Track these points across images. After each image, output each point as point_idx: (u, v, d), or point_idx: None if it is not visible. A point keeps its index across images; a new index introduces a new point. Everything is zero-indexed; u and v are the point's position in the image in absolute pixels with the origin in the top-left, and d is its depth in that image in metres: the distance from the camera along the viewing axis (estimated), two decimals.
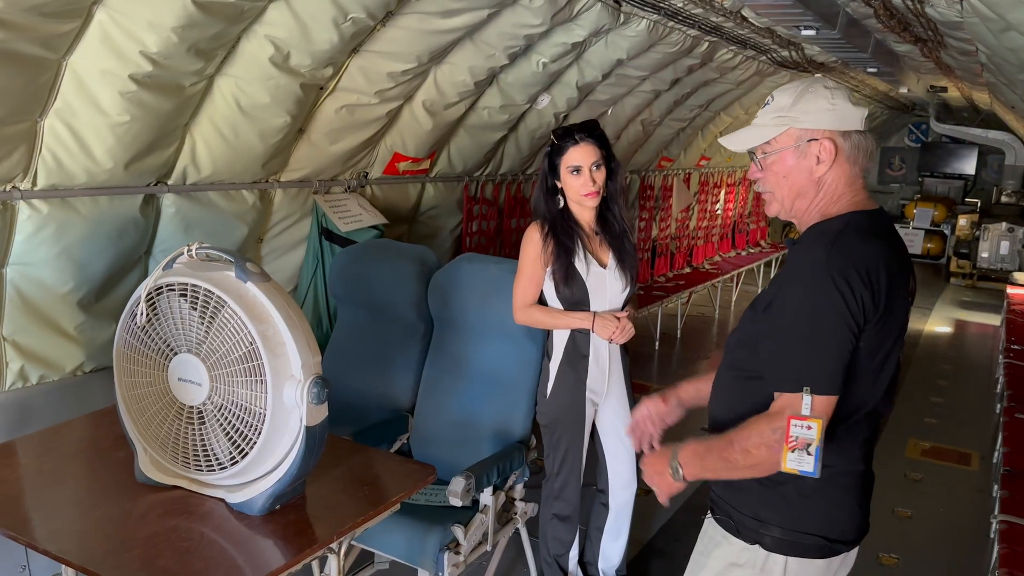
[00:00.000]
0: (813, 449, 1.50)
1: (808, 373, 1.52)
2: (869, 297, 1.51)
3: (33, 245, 2.74)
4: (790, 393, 1.54)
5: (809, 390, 1.51)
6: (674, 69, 5.29)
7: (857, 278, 1.51)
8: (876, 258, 1.55)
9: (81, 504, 2.06)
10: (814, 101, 1.64)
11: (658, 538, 3.56)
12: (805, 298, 1.54)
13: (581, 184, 2.62)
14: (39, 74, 2.43)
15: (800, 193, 1.69)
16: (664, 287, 7.14)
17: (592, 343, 2.70)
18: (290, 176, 3.68)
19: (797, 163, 1.66)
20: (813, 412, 1.51)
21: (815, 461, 1.50)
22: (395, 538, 2.52)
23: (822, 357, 1.53)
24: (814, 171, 1.65)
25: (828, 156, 1.63)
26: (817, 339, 1.53)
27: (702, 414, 1.86)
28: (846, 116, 1.63)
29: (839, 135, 1.64)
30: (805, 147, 1.65)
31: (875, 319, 1.53)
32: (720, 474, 1.66)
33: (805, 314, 1.54)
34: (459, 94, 4.00)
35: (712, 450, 1.65)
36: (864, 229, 1.59)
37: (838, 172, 1.66)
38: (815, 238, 1.61)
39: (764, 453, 1.55)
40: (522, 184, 5.47)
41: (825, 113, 1.63)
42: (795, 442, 1.51)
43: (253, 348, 1.83)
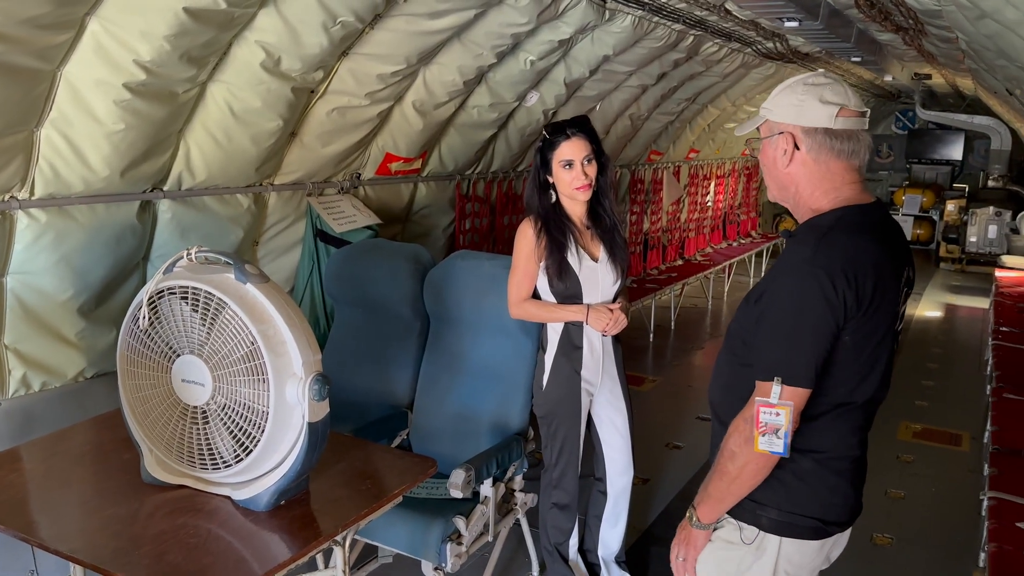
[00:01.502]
0: (782, 433, 1.57)
1: (782, 364, 1.58)
2: (852, 295, 1.55)
3: (32, 254, 2.78)
4: (765, 382, 1.60)
5: (780, 380, 1.56)
6: (660, 63, 5.34)
7: (841, 276, 1.54)
8: (863, 255, 1.58)
9: (88, 505, 2.10)
10: (786, 95, 1.68)
11: (656, 525, 3.62)
12: (789, 293, 1.59)
13: (573, 178, 2.67)
14: (34, 85, 2.47)
15: (780, 184, 1.74)
16: (657, 279, 7.19)
17: (585, 334, 2.75)
18: (283, 179, 3.72)
19: (771, 154, 1.71)
20: (781, 400, 1.56)
21: (784, 443, 1.57)
22: (398, 531, 2.57)
23: (797, 350, 1.57)
24: (781, 163, 1.69)
25: (788, 150, 1.67)
26: (795, 333, 1.58)
27: (698, 404, 1.92)
28: (807, 113, 1.64)
29: (800, 131, 1.66)
30: (775, 139, 1.70)
31: (860, 315, 1.57)
32: (727, 493, 1.69)
33: (787, 308, 1.59)
34: (448, 94, 4.05)
35: (711, 476, 1.72)
36: (854, 225, 1.62)
37: (803, 168, 1.68)
38: (805, 234, 1.65)
39: (744, 447, 1.62)
40: (513, 181, 5.51)
41: (789, 108, 1.67)
42: (764, 427, 1.57)
43: (254, 348, 1.88)
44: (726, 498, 1.70)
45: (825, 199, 1.67)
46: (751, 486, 1.66)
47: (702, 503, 1.74)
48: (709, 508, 1.73)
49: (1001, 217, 10.52)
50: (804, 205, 1.71)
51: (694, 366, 6.39)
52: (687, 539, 1.79)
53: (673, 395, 5.52)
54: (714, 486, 1.70)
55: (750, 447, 1.61)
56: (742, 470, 1.64)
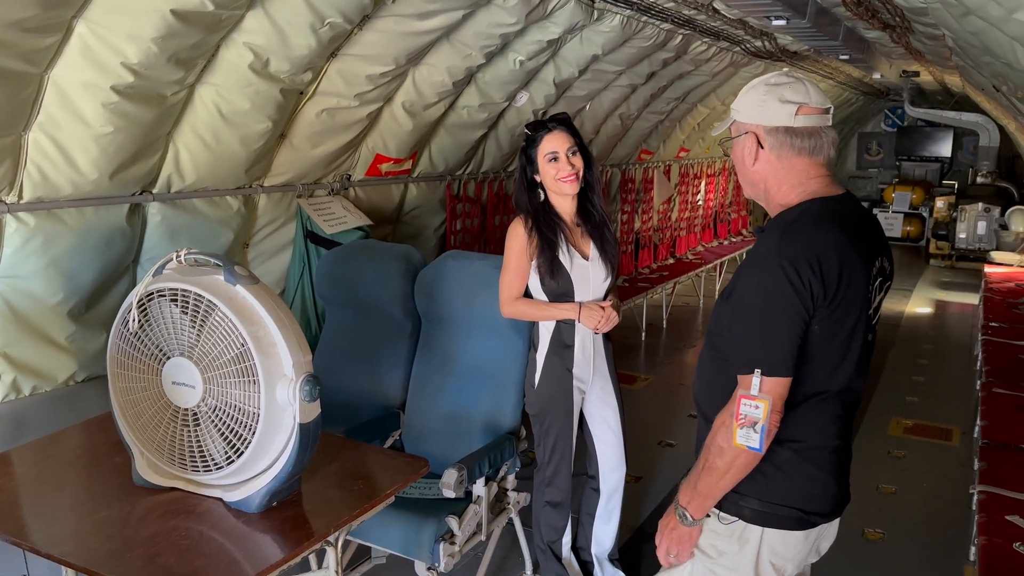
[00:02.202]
0: (759, 428, 1.59)
1: (759, 356, 1.61)
2: (818, 283, 1.58)
3: (21, 258, 2.77)
4: (745, 375, 1.62)
5: (760, 372, 1.59)
6: (649, 63, 5.36)
7: (805, 265, 1.57)
8: (826, 244, 1.60)
9: (80, 508, 2.09)
10: (750, 96, 1.73)
11: (649, 522, 3.62)
12: (757, 285, 1.62)
13: (559, 169, 2.67)
14: (22, 88, 2.46)
15: (750, 182, 1.78)
16: (648, 278, 7.21)
17: (577, 333, 2.76)
18: (273, 181, 3.71)
19: (740, 154, 1.76)
20: (761, 392, 1.59)
21: (760, 438, 1.60)
22: (391, 531, 2.57)
23: (772, 341, 1.60)
24: (748, 162, 1.74)
25: (753, 149, 1.72)
26: (767, 324, 1.60)
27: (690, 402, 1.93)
28: (768, 112, 1.69)
29: (763, 130, 1.71)
30: (742, 139, 1.75)
31: (827, 303, 1.60)
32: (715, 488, 1.70)
33: (757, 300, 1.62)
34: (438, 94, 4.05)
35: (698, 471, 1.73)
36: (817, 216, 1.66)
37: (766, 165, 1.72)
38: (772, 228, 1.69)
39: (731, 442, 1.63)
40: (504, 181, 5.52)
41: (752, 108, 1.72)
42: (744, 420, 1.60)
43: (245, 349, 1.88)
44: (715, 493, 1.72)
45: (792, 194, 1.72)
46: (738, 480, 1.68)
47: (692, 500, 1.75)
48: (699, 504, 1.74)
49: (990, 213, 10.58)
50: (773, 201, 1.75)
51: (686, 364, 6.41)
52: (679, 538, 1.80)
53: (665, 393, 5.54)
54: (704, 483, 1.71)
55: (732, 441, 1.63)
56: (731, 464, 1.66)
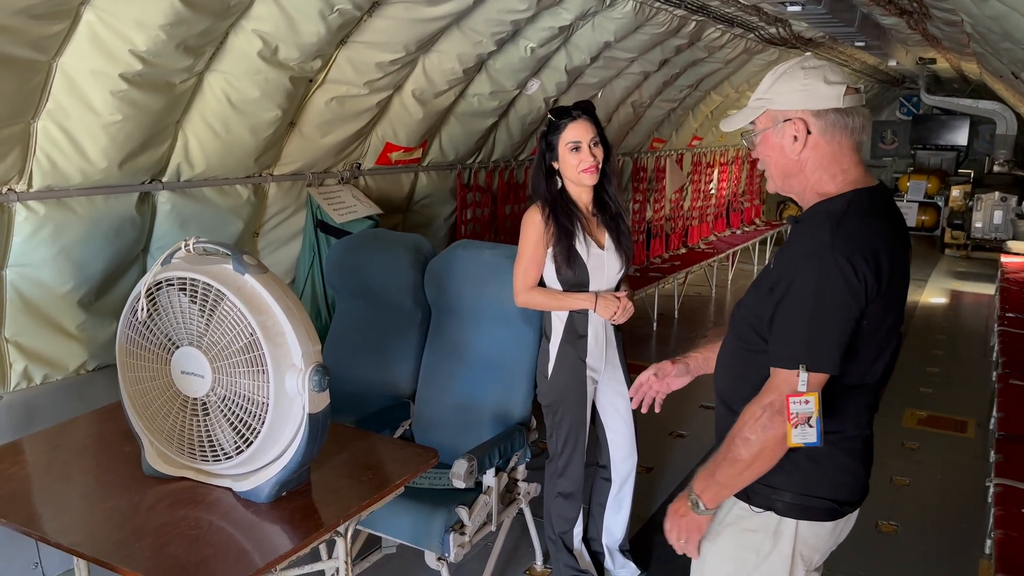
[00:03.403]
0: (814, 422, 1.56)
1: (807, 352, 1.57)
2: (873, 279, 1.55)
3: (31, 246, 2.77)
4: (786, 370, 1.58)
5: (805, 367, 1.56)
6: (662, 50, 5.30)
7: (862, 261, 1.54)
8: (879, 239, 1.58)
9: (90, 498, 2.10)
10: (788, 82, 1.68)
11: (660, 513, 3.60)
12: (810, 281, 1.57)
13: (580, 160, 2.64)
14: (30, 76, 2.45)
15: (787, 172, 1.73)
16: (660, 268, 7.17)
17: (590, 322, 2.73)
18: (283, 169, 3.70)
19: (778, 143, 1.71)
20: (809, 388, 1.56)
21: (817, 432, 1.57)
22: (401, 521, 2.57)
23: (823, 338, 1.57)
24: (791, 150, 1.69)
25: (801, 135, 1.67)
26: (820, 321, 1.57)
27: (701, 393, 1.90)
28: (817, 95, 1.65)
29: (811, 114, 1.66)
30: (782, 127, 1.69)
31: (878, 298, 1.57)
32: (735, 480, 1.68)
33: (809, 296, 1.57)
34: (448, 82, 4.02)
35: (718, 461, 1.69)
36: (866, 209, 1.63)
37: (815, 151, 1.68)
38: (819, 219, 1.64)
39: (761, 435, 1.60)
40: (515, 170, 5.49)
41: (796, 93, 1.67)
42: (796, 418, 1.57)
43: (253, 339, 1.86)
44: (734, 485, 1.69)
45: (832, 183, 1.68)
46: (762, 472, 1.65)
47: (707, 489, 1.72)
48: (715, 494, 1.72)
49: (1007, 202, 10.47)
50: (810, 190, 1.71)
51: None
52: (689, 525, 1.77)
53: None
54: (723, 472, 1.68)
55: (767, 435, 1.59)
56: (756, 457, 1.62)
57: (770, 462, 1.63)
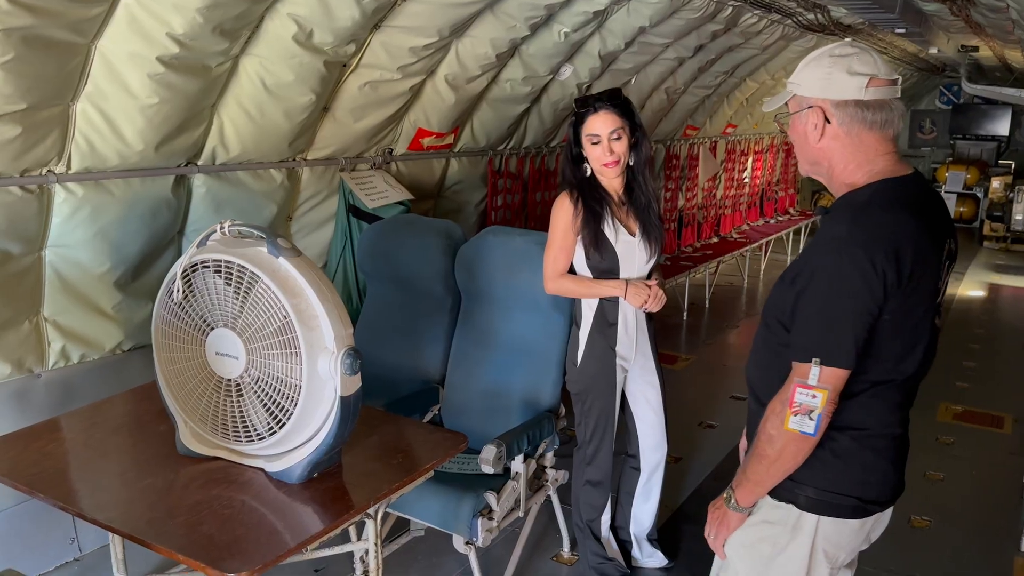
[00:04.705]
0: (815, 416, 1.55)
1: (821, 346, 1.55)
2: (893, 273, 1.51)
3: (69, 227, 2.81)
4: (803, 363, 1.56)
5: (818, 361, 1.54)
6: (698, 35, 5.23)
7: (880, 254, 1.50)
8: (902, 230, 1.53)
9: (126, 476, 2.13)
10: (813, 69, 1.64)
11: (689, 503, 3.59)
12: (826, 273, 1.55)
13: (600, 154, 2.62)
14: (69, 59, 2.48)
15: (812, 160, 1.70)
16: (691, 257, 7.11)
17: (620, 310, 2.71)
18: (316, 154, 3.71)
19: (802, 129, 1.68)
20: (820, 382, 1.54)
21: (816, 424, 1.56)
22: (430, 505, 2.58)
23: (836, 331, 1.54)
24: (812, 138, 1.65)
25: (819, 125, 1.63)
26: (834, 314, 1.54)
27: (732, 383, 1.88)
28: (835, 85, 1.61)
29: (831, 104, 1.62)
30: (805, 114, 1.66)
31: (900, 293, 1.53)
32: (765, 476, 1.66)
33: (824, 289, 1.55)
34: (481, 67, 4.00)
35: (749, 459, 1.69)
36: (891, 199, 1.58)
37: (835, 141, 1.64)
38: (841, 211, 1.61)
39: (783, 430, 1.58)
40: (546, 157, 5.46)
41: (817, 81, 1.63)
42: (798, 408, 1.56)
43: (287, 322, 1.88)
44: (765, 481, 1.67)
45: (860, 172, 1.63)
46: (790, 468, 1.63)
47: (740, 485, 1.72)
48: (748, 491, 1.71)
49: None
50: (838, 180, 1.67)
51: (729, 345, 6.32)
52: (721, 519, 1.77)
53: (707, 374, 5.46)
54: (752, 469, 1.67)
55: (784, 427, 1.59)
56: (781, 452, 1.61)
57: (796, 457, 1.61)
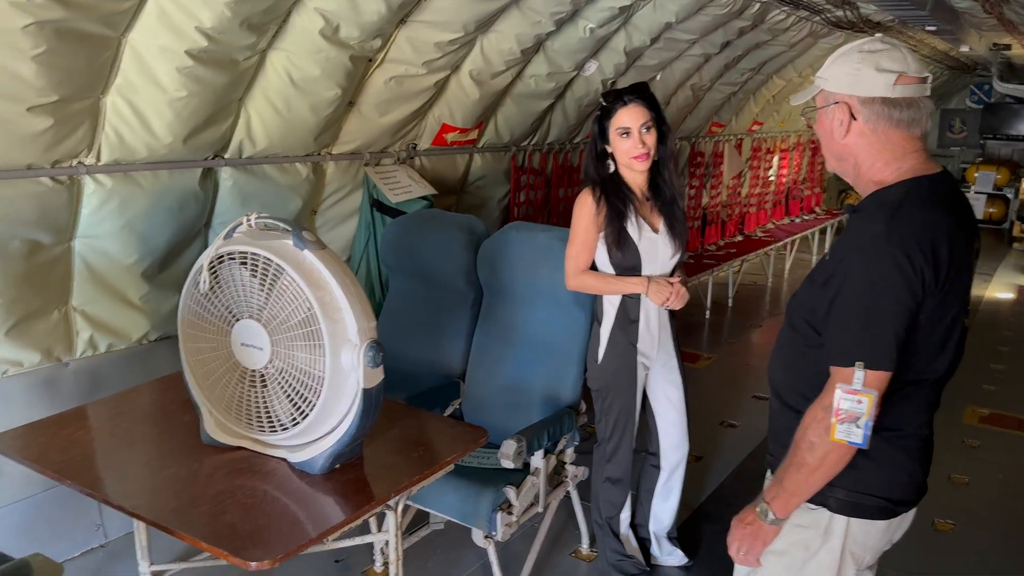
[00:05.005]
0: (862, 423, 1.50)
1: (862, 348, 1.51)
2: (931, 271, 1.48)
3: (98, 218, 2.85)
4: (844, 368, 1.53)
5: (862, 365, 1.50)
6: (724, 32, 5.19)
7: (919, 253, 1.47)
8: (938, 229, 1.51)
9: (151, 464, 2.16)
10: (841, 64, 1.62)
11: (709, 503, 3.58)
12: (863, 273, 1.52)
13: (630, 146, 2.60)
14: (100, 52, 2.51)
15: (838, 156, 1.68)
16: (715, 255, 7.06)
17: (642, 308, 2.70)
18: (341, 148, 3.73)
19: (828, 125, 1.65)
20: (865, 386, 1.50)
21: (864, 434, 1.50)
22: (449, 498, 2.59)
23: (878, 333, 1.51)
24: (838, 134, 1.63)
25: (844, 121, 1.61)
26: (874, 315, 1.51)
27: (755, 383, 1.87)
28: (864, 81, 1.58)
29: (857, 100, 1.60)
30: (831, 109, 1.64)
31: (937, 291, 1.51)
32: (803, 486, 1.62)
33: (863, 289, 1.51)
34: (506, 63, 4.00)
35: (785, 467, 1.64)
36: (925, 198, 1.55)
37: (861, 139, 1.61)
38: (874, 209, 1.57)
39: (825, 437, 1.55)
40: (569, 153, 5.45)
41: (845, 77, 1.61)
42: (844, 415, 1.51)
43: (311, 314, 1.89)
44: (803, 491, 1.63)
45: (888, 170, 1.61)
46: (830, 476, 1.59)
47: (777, 498, 1.66)
48: (784, 502, 1.65)
49: None
50: (865, 177, 1.65)
51: (752, 344, 6.28)
52: (755, 534, 1.71)
53: (729, 373, 5.43)
54: (790, 479, 1.63)
55: (830, 437, 1.54)
56: (822, 461, 1.57)
57: (838, 465, 1.58)
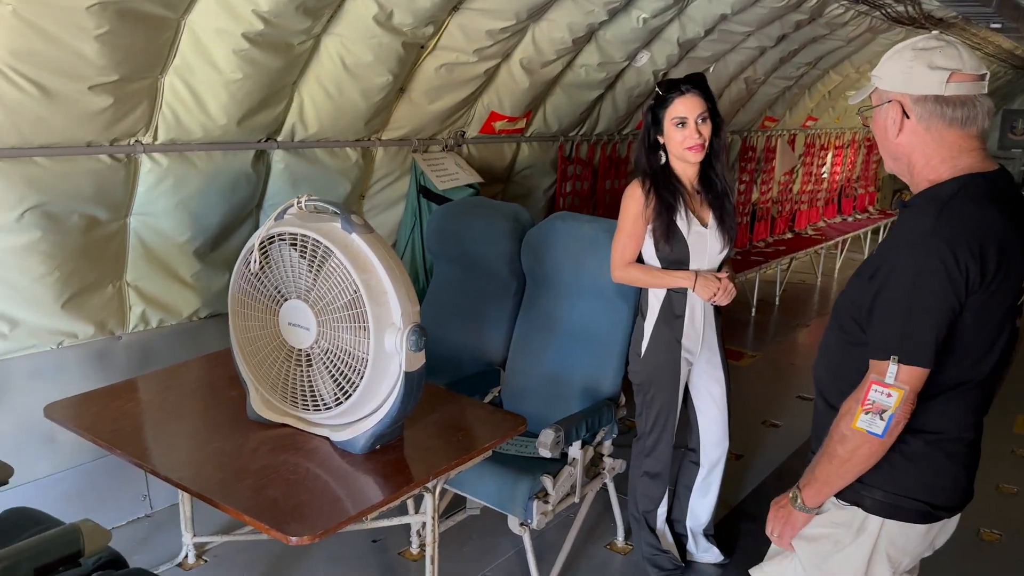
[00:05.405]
0: (886, 416, 1.51)
1: (899, 343, 1.50)
2: (977, 269, 1.46)
3: (154, 196, 2.92)
4: (880, 361, 1.52)
5: (896, 359, 1.50)
6: (781, 25, 5.09)
7: (965, 249, 1.45)
8: (989, 227, 1.48)
9: (197, 437, 2.22)
10: (895, 62, 1.60)
11: (748, 501, 3.54)
12: (908, 267, 1.50)
13: (686, 137, 2.57)
14: (160, 32, 2.56)
15: (893, 155, 1.65)
16: (763, 252, 6.96)
17: (688, 303, 2.67)
18: (391, 134, 3.76)
19: (882, 124, 1.63)
20: (897, 381, 1.49)
21: (885, 426, 1.51)
22: (487, 484, 2.60)
23: (917, 328, 1.49)
24: (891, 133, 1.61)
25: (897, 120, 1.59)
26: (914, 310, 1.49)
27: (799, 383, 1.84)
28: (915, 79, 1.56)
29: (910, 99, 1.57)
30: (885, 108, 1.62)
31: (983, 290, 1.48)
32: (835, 477, 1.63)
33: (906, 284, 1.50)
34: (557, 52, 3.98)
35: (818, 458, 1.65)
36: (978, 195, 1.52)
37: (914, 137, 1.59)
38: (924, 204, 1.55)
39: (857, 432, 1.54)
40: (618, 145, 5.41)
41: (898, 75, 1.58)
42: (871, 406, 1.52)
43: (357, 296, 1.92)
44: (834, 482, 1.64)
45: (943, 168, 1.58)
46: (861, 470, 1.59)
47: (808, 485, 1.68)
48: (815, 491, 1.67)
49: None
50: (919, 176, 1.62)
51: (798, 344, 6.18)
52: (786, 518, 1.74)
53: (773, 372, 5.35)
54: (821, 469, 1.64)
55: (852, 424, 1.55)
56: (853, 453, 1.57)
57: (868, 459, 1.57)
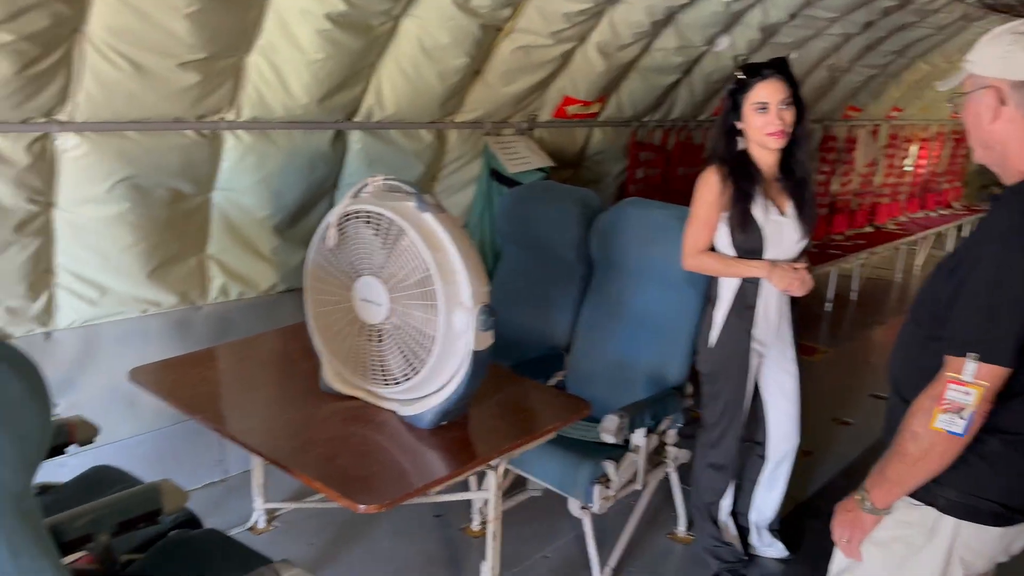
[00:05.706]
0: (966, 415, 1.47)
1: (978, 339, 1.46)
2: None
3: (237, 172, 3.02)
4: (957, 357, 1.48)
5: (976, 356, 1.45)
6: (868, 11, 4.92)
7: None
8: None
9: (271, 406, 2.30)
10: (992, 46, 1.53)
11: (816, 498, 3.47)
12: (993, 263, 1.46)
13: (767, 122, 2.49)
14: (247, 12, 2.64)
15: (984, 144, 1.59)
16: (841, 245, 6.75)
17: (761, 293, 2.61)
18: (464, 117, 3.79)
19: (975, 110, 1.57)
20: (976, 378, 1.45)
21: (966, 424, 1.47)
22: (549, 466, 2.62)
23: (998, 326, 1.45)
24: (985, 119, 1.55)
25: (993, 106, 1.52)
26: (996, 306, 1.45)
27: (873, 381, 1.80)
28: (1015, 64, 1.49)
29: (1008, 85, 1.51)
30: (980, 94, 1.55)
31: None
32: (906, 477, 1.58)
33: (989, 280, 1.46)
34: (634, 35, 3.93)
35: (888, 457, 1.61)
36: None
37: (1011, 124, 1.52)
38: (1014, 199, 1.51)
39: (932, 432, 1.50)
40: (692, 131, 5.32)
41: (995, 60, 1.52)
42: (948, 404, 1.48)
43: (428, 274, 1.95)
44: (905, 482, 1.59)
45: None
46: (934, 471, 1.54)
47: (877, 486, 1.63)
48: (885, 492, 1.62)
49: None
50: (1012, 167, 1.55)
51: (873, 341, 6.00)
52: (854, 521, 1.69)
53: (847, 369, 5.21)
54: (892, 469, 1.59)
55: (930, 424, 1.50)
56: (926, 453, 1.53)
57: (943, 459, 1.52)
